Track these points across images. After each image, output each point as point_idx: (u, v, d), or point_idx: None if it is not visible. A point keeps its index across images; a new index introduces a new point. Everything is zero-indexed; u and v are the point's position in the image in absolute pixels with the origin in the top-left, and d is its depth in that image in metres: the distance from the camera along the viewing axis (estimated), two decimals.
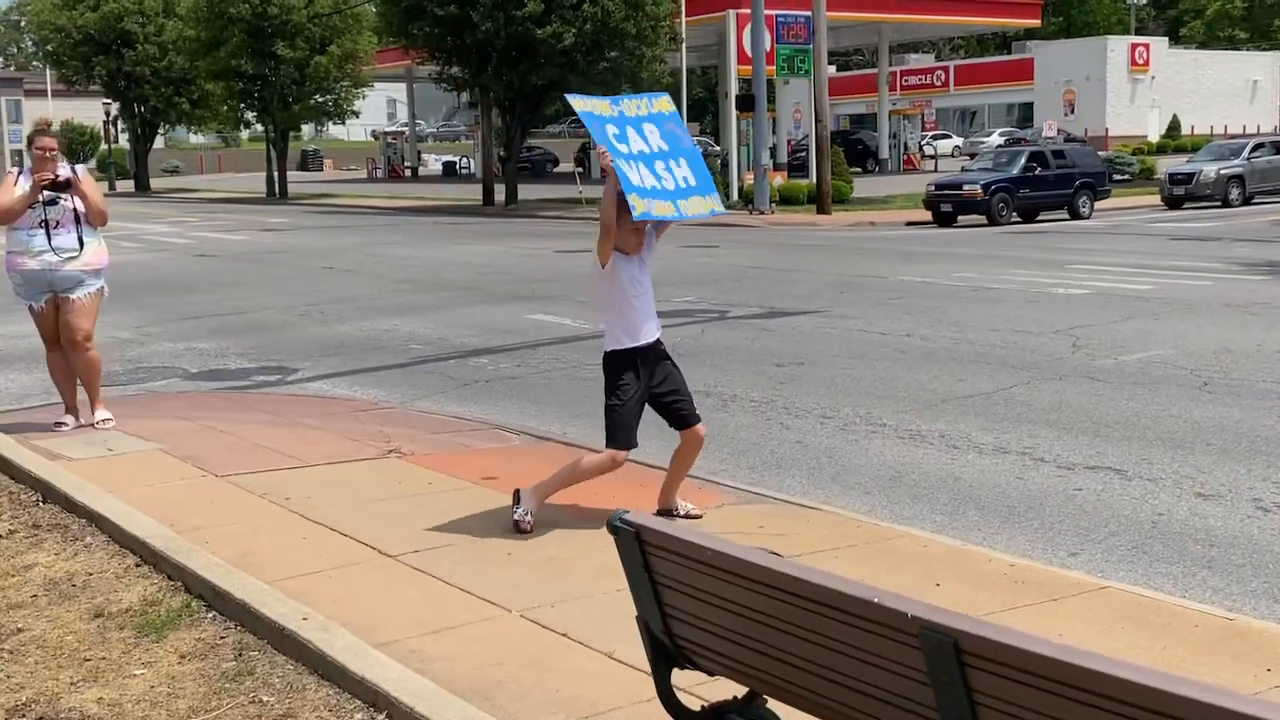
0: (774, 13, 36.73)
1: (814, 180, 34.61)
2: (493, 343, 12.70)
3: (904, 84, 73.03)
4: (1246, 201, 33.31)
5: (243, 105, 49.28)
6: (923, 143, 60.81)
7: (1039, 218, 30.34)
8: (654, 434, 8.55)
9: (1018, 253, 21.49)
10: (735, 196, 36.92)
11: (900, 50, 73.32)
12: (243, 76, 46.69)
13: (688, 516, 6.42)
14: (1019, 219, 30.01)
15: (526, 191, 42.55)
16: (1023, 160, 30.97)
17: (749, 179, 35.74)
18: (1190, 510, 6.58)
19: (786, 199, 35.86)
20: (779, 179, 37.68)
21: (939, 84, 75.24)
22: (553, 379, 10.74)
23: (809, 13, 34.56)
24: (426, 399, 10.04)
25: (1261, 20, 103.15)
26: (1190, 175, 33.33)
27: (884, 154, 55.18)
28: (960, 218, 29.75)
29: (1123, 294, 14.97)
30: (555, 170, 64.17)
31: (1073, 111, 67.43)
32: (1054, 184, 30.68)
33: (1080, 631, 4.76)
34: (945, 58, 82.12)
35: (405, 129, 74.87)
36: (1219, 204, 32.81)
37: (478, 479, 7.15)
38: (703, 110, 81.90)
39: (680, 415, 6.44)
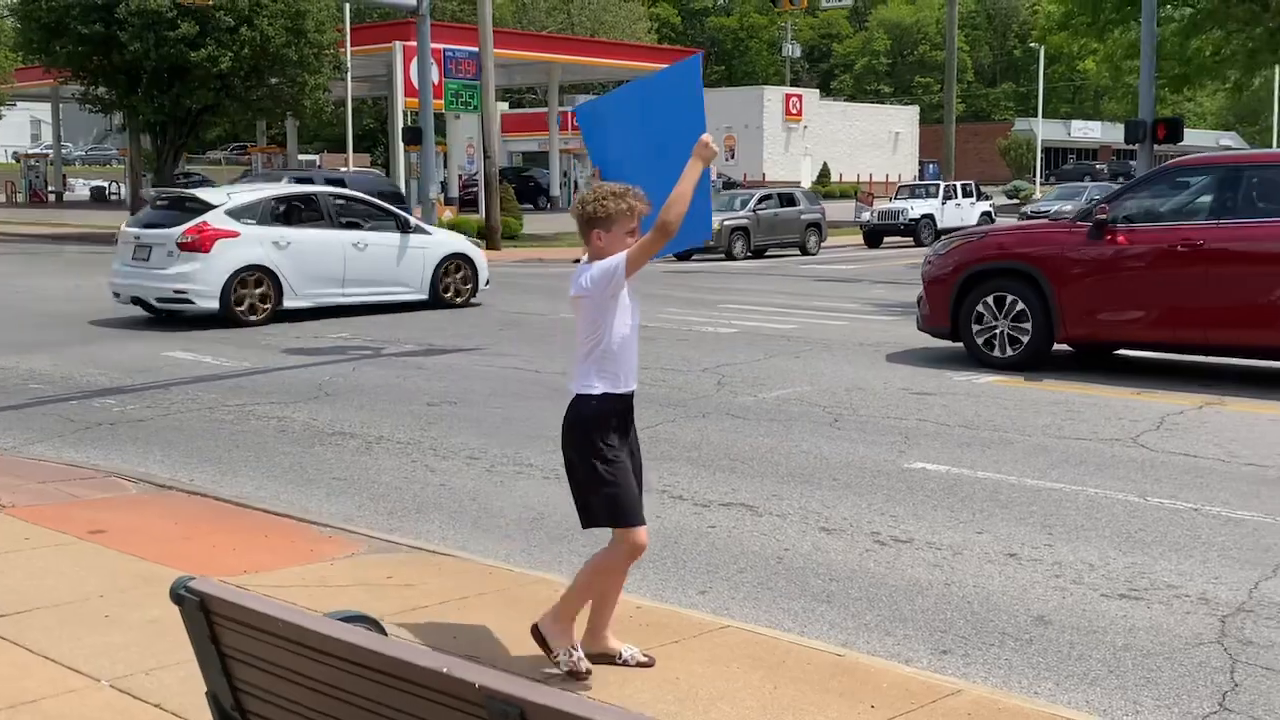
0: (442, 47, 36.61)
1: (483, 216, 34.61)
2: (123, 382, 11.90)
3: (575, 124, 74.28)
4: (757, 254, 32.74)
5: None
6: (590, 182, 62.02)
7: None
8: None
9: (675, 291, 22.07)
10: None
11: (572, 90, 74.69)
12: None
13: (640, 665, 4.85)
14: None
15: None
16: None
17: (418, 213, 35.36)
18: (814, 545, 6.78)
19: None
20: (449, 214, 37.46)
21: None
22: (184, 421, 10.12)
23: (477, 49, 34.63)
24: (40, 444, 9.26)
25: (903, 76, 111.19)
26: None
27: (555, 191, 55.99)
28: None
29: (768, 333, 15.57)
30: None
31: (733, 157, 70.45)
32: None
33: (698, 673, 4.77)
34: None
35: (50, 151, 70.29)
36: (723, 256, 31.53)
37: (84, 533, 6.59)
38: (374, 142, 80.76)
39: None
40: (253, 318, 16.49)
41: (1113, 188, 23.79)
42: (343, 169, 46.40)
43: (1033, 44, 76.32)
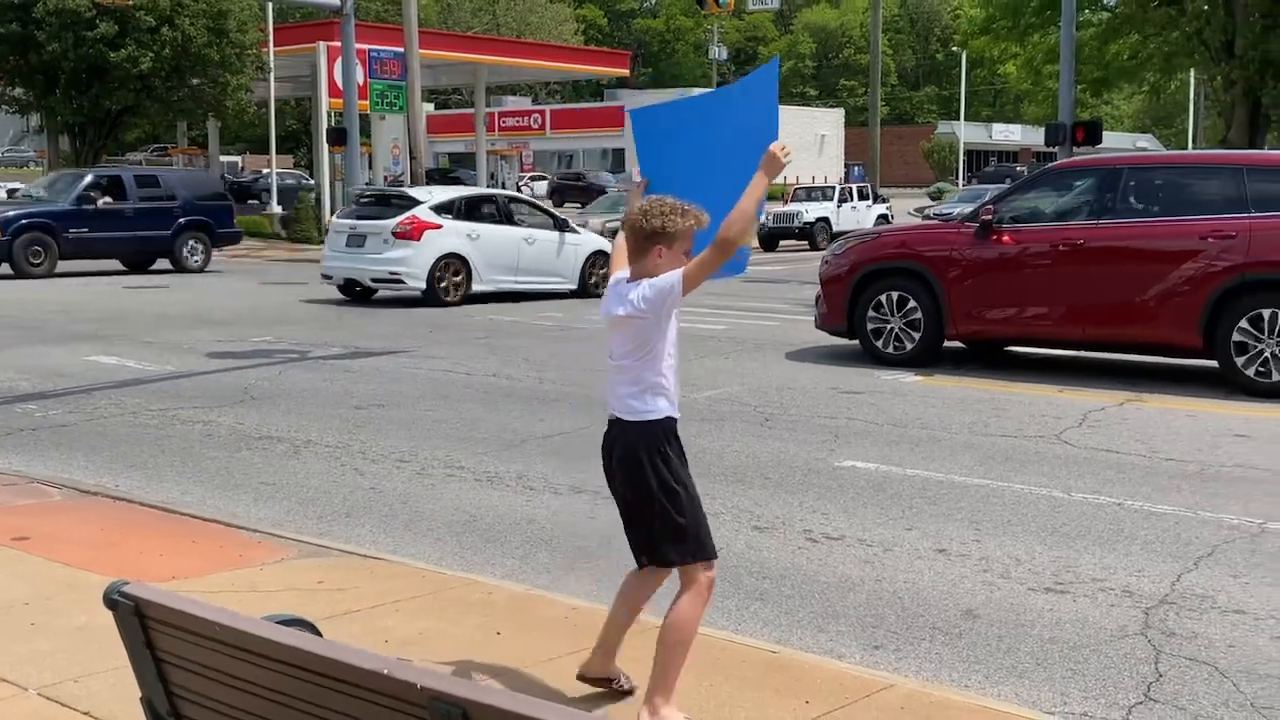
0: (366, 47, 36.29)
1: None
2: (44, 387, 11.68)
3: (502, 125, 74.11)
4: None
5: None
6: (520, 183, 61.95)
7: (151, 267, 25.23)
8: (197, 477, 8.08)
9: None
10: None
11: (498, 92, 74.49)
12: None
13: (630, 692, 4.60)
14: (124, 269, 24.81)
15: None
16: (81, 187, 24.23)
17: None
18: (747, 544, 6.82)
19: None
20: None
21: (536, 127, 76.84)
22: (108, 426, 9.96)
23: (402, 49, 34.39)
24: None
25: (829, 80, 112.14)
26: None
27: None
28: None
29: (699, 334, 15.62)
30: None
31: None
32: (138, 222, 24.44)
33: (633, 673, 4.76)
34: (542, 101, 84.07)
35: None
36: None
37: (7, 540, 6.46)
38: (297, 143, 79.93)
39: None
40: (450, 298, 19.41)
41: None
42: (265, 170, 45.87)
43: (955, 48, 77.39)
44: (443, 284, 19.36)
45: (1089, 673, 5.05)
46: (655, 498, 4.23)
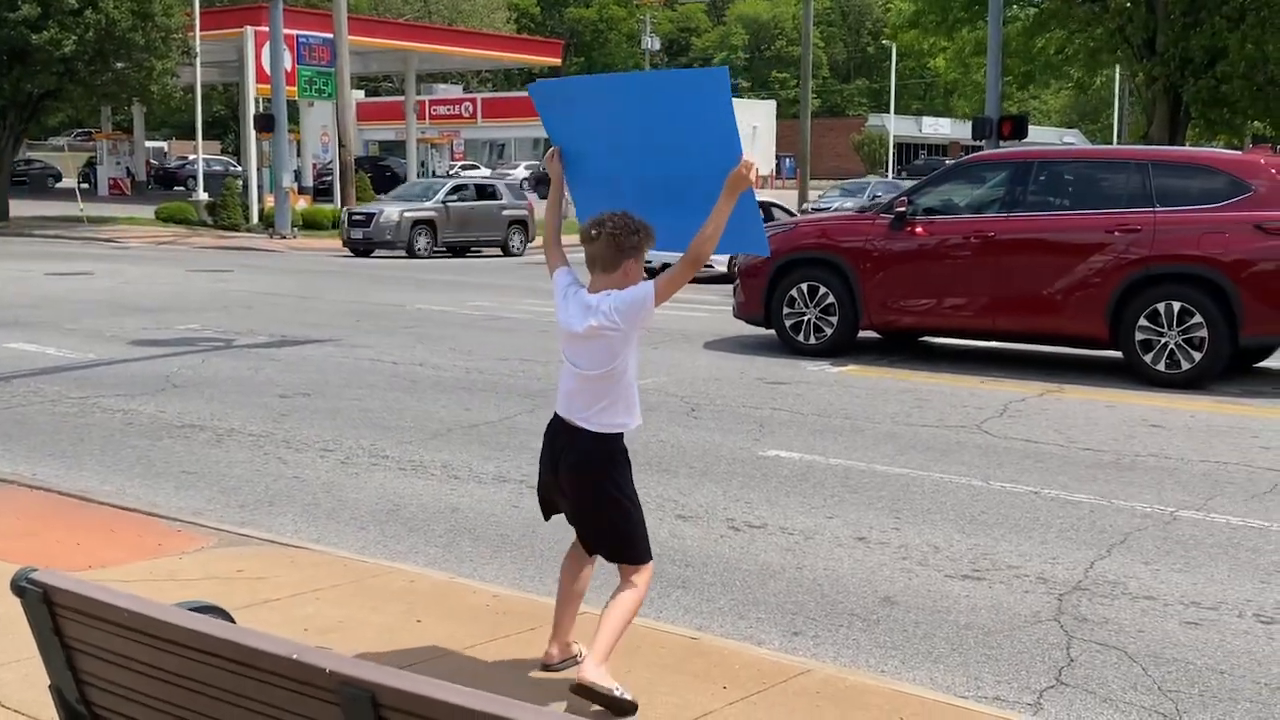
0: (295, 32, 35.96)
1: (339, 205, 34.06)
2: None
3: (433, 113, 73.58)
4: (456, 252, 29.53)
5: None
6: (451, 171, 61.58)
7: None
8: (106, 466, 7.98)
9: (535, 283, 22.05)
10: (255, 220, 35.76)
11: (429, 80, 73.97)
12: None
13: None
14: None
15: (22, 208, 39.13)
16: None
17: (270, 201, 34.72)
18: (670, 532, 6.87)
19: (311, 224, 35.11)
20: (303, 203, 36.84)
21: (467, 115, 76.39)
22: (27, 414, 9.80)
23: (332, 35, 34.08)
24: None
25: (761, 71, 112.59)
26: (369, 217, 28.29)
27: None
28: None
29: None
30: (57, 185, 59.57)
31: None
32: None
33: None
34: (473, 90, 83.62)
35: None
36: (404, 253, 28.10)
37: None
38: (224, 129, 78.87)
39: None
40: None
41: (898, 185, 24.44)
42: (191, 156, 45.22)
43: (885, 41, 77.98)
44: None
45: (1003, 657, 5.15)
46: (606, 508, 4.34)
